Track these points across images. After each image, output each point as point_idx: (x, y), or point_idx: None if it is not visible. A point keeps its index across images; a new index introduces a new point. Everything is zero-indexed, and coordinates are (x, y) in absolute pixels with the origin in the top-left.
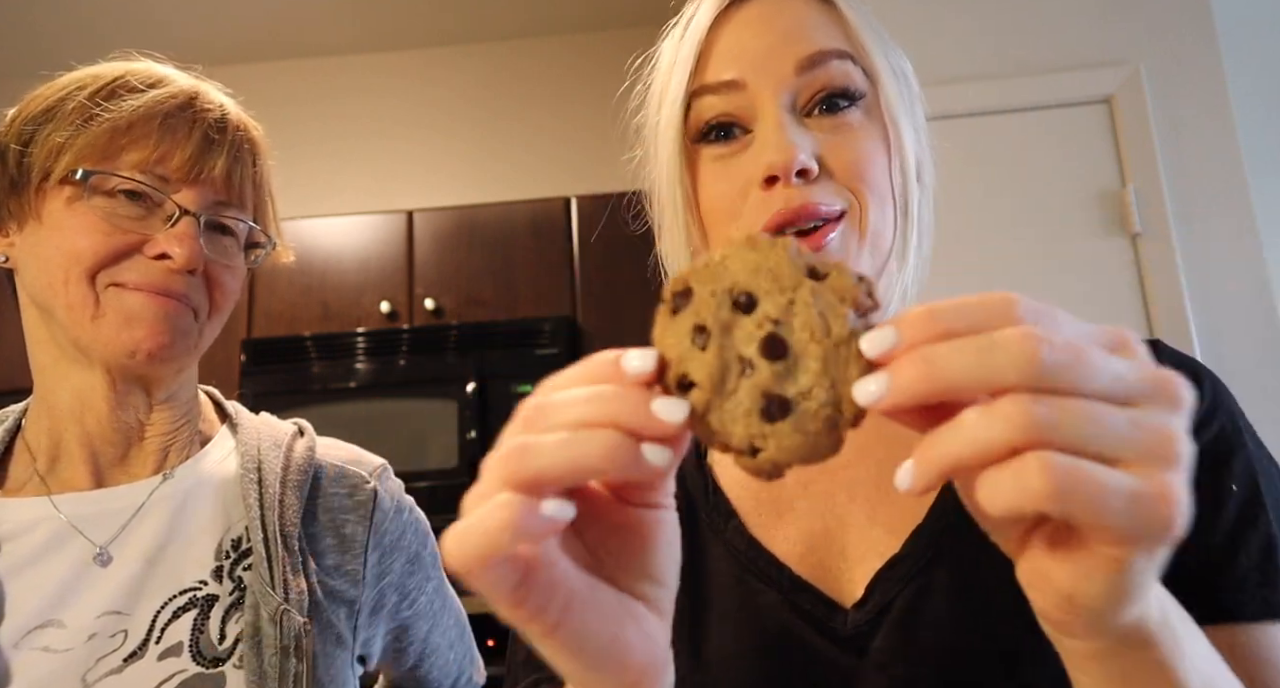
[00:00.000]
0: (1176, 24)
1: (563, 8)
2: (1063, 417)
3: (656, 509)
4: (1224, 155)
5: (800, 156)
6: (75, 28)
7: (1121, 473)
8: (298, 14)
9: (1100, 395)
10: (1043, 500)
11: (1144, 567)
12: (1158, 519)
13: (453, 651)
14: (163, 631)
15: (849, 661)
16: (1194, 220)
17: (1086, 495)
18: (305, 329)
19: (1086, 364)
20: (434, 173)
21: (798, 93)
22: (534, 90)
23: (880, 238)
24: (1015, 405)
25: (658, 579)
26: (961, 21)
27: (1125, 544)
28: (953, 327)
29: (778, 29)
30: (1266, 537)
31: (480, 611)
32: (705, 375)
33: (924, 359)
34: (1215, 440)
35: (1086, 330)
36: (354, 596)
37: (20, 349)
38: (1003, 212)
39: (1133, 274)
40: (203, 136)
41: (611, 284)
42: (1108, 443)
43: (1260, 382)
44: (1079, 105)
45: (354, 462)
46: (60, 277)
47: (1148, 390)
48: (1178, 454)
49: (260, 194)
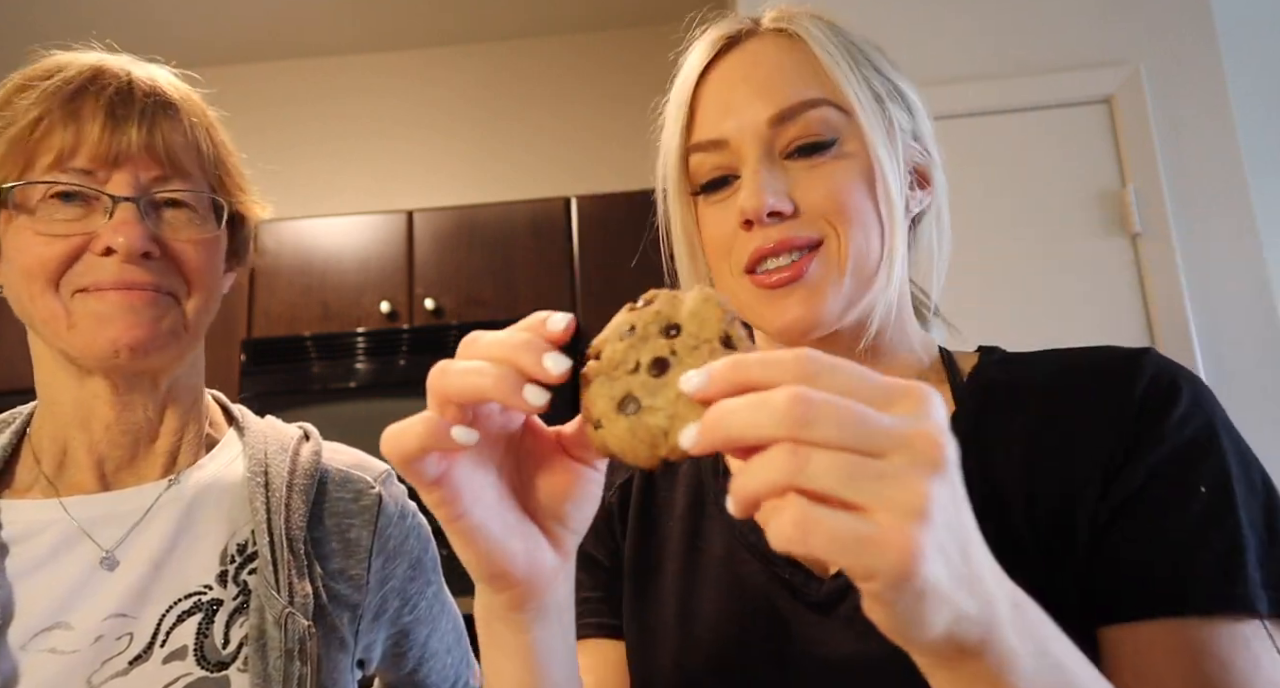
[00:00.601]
0: (1176, 24)
1: (563, 8)
2: (811, 467)
3: (586, 466)
4: (1224, 155)
5: (769, 201)
6: (75, 28)
7: (854, 518)
8: (298, 14)
9: (854, 449)
10: (791, 542)
11: (905, 601)
12: (886, 562)
13: (450, 655)
14: (168, 634)
15: (816, 620)
16: (1194, 220)
17: (822, 538)
18: (305, 329)
19: (841, 421)
20: (434, 173)
21: (775, 142)
22: (534, 90)
23: (863, 261)
24: (779, 454)
25: (562, 519)
26: (961, 21)
27: (867, 581)
28: (748, 378)
29: (754, 82)
30: (1231, 537)
31: None
32: (608, 356)
33: (718, 415)
34: (1188, 444)
35: (865, 387)
36: (357, 600)
37: (19, 349)
38: (1003, 212)
39: (1133, 274)
40: (106, 113)
41: (611, 284)
42: (850, 492)
43: (1260, 382)
44: (1079, 105)
45: (359, 467)
46: (26, 295)
47: (905, 444)
48: (921, 504)
49: (201, 155)
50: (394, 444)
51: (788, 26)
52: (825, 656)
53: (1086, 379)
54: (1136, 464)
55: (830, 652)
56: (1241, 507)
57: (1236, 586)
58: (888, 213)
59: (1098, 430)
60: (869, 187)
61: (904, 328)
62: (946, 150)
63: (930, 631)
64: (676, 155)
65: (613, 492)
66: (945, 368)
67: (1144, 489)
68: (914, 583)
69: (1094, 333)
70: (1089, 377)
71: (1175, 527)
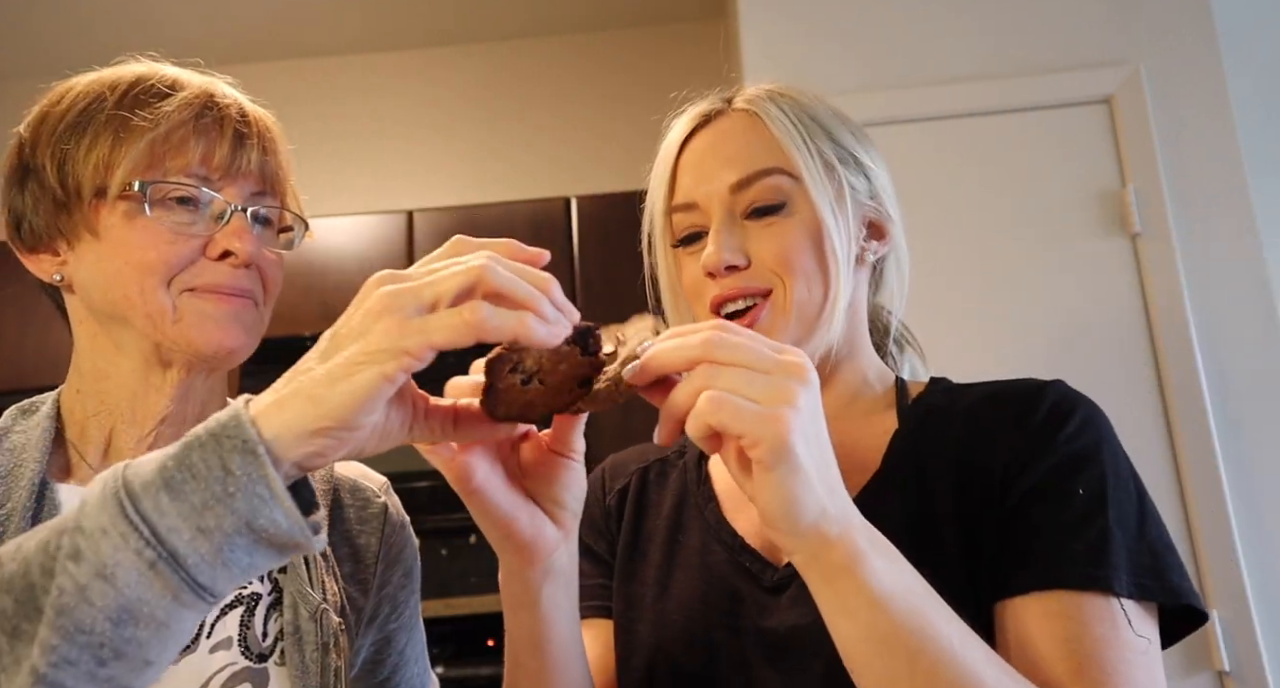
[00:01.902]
0: (1176, 24)
1: (563, 8)
2: (723, 375)
3: (566, 458)
4: (1224, 155)
5: (725, 257)
6: (75, 29)
7: (750, 401)
8: (298, 14)
9: (750, 367)
10: (705, 416)
11: (786, 475)
12: (771, 429)
13: (417, 665)
14: (213, 626)
15: (766, 600)
16: (1194, 220)
17: (729, 410)
18: (305, 329)
19: (742, 348)
20: (434, 173)
21: (735, 205)
22: (534, 90)
23: (806, 309)
24: (699, 371)
25: (558, 501)
26: (961, 21)
27: (756, 446)
28: (677, 333)
29: (720, 155)
30: (1101, 532)
31: (482, 611)
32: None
33: (650, 353)
34: (1075, 454)
35: (761, 339)
36: (362, 605)
37: (19, 349)
38: (1003, 212)
39: (1133, 274)
40: (234, 133)
41: (611, 284)
42: (749, 390)
43: (1260, 382)
44: (1079, 105)
45: (363, 477)
46: (136, 289)
47: (783, 367)
48: (793, 398)
49: (284, 178)
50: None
51: (750, 107)
52: (771, 626)
53: (1003, 402)
54: (1031, 470)
55: (776, 624)
56: (1112, 508)
57: (1101, 568)
58: (834, 266)
59: (1008, 442)
60: (814, 243)
61: (856, 362)
62: (947, 150)
63: (805, 515)
64: (661, 214)
65: (612, 495)
66: (896, 395)
67: (1033, 490)
68: (788, 453)
69: (1094, 333)
70: (1006, 401)
71: (1055, 521)
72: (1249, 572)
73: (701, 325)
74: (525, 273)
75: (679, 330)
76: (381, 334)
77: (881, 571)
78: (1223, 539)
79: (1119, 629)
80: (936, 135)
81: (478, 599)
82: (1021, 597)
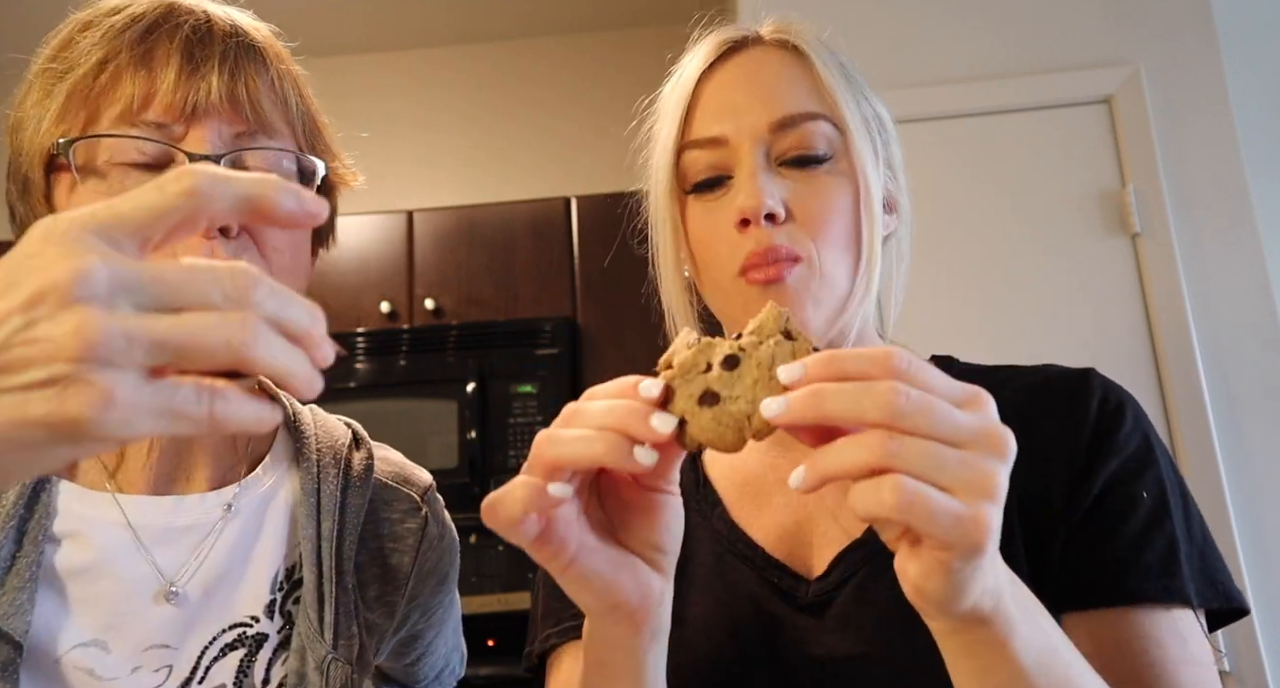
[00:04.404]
0: (1176, 24)
1: (563, 8)
2: (907, 450)
3: (662, 493)
4: (1224, 155)
5: (768, 202)
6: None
7: (949, 497)
8: (299, 14)
9: (941, 438)
10: (891, 511)
11: (965, 571)
12: (969, 535)
13: (445, 646)
14: (207, 670)
15: (807, 623)
16: (1194, 220)
17: (923, 511)
18: None
19: (932, 413)
20: (434, 173)
21: (772, 147)
22: (534, 90)
23: (836, 281)
24: (874, 438)
25: (657, 546)
26: (961, 22)
27: (948, 550)
28: (844, 370)
29: (756, 87)
30: (1169, 539)
31: (482, 611)
32: (680, 363)
33: (814, 393)
34: (1132, 458)
35: (945, 387)
36: (386, 626)
37: None
38: (1003, 211)
39: (1133, 274)
40: (183, 57)
41: (611, 284)
42: (942, 475)
43: (1260, 382)
44: (1079, 105)
45: (405, 481)
46: None
47: (979, 439)
48: (994, 489)
49: (289, 110)
50: (498, 513)
51: (791, 39)
52: (819, 656)
53: (1048, 396)
54: (1094, 475)
55: (825, 653)
56: (1174, 511)
57: (1175, 579)
58: (869, 233)
59: (1064, 443)
60: (854, 206)
61: (866, 344)
62: (947, 150)
63: (966, 601)
64: (670, 151)
65: None
66: None
67: (1101, 497)
68: (980, 555)
69: (1094, 333)
70: (1051, 394)
71: (1126, 530)
72: (1249, 572)
73: (876, 353)
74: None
75: (839, 362)
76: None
77: (1029, 638)
78: (1223, 539)
79: (1189, 643)
80: (936, 135)
81: (478, 599)
82: (1095, 611)
